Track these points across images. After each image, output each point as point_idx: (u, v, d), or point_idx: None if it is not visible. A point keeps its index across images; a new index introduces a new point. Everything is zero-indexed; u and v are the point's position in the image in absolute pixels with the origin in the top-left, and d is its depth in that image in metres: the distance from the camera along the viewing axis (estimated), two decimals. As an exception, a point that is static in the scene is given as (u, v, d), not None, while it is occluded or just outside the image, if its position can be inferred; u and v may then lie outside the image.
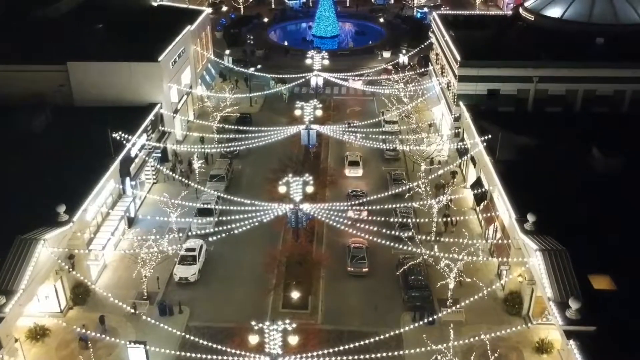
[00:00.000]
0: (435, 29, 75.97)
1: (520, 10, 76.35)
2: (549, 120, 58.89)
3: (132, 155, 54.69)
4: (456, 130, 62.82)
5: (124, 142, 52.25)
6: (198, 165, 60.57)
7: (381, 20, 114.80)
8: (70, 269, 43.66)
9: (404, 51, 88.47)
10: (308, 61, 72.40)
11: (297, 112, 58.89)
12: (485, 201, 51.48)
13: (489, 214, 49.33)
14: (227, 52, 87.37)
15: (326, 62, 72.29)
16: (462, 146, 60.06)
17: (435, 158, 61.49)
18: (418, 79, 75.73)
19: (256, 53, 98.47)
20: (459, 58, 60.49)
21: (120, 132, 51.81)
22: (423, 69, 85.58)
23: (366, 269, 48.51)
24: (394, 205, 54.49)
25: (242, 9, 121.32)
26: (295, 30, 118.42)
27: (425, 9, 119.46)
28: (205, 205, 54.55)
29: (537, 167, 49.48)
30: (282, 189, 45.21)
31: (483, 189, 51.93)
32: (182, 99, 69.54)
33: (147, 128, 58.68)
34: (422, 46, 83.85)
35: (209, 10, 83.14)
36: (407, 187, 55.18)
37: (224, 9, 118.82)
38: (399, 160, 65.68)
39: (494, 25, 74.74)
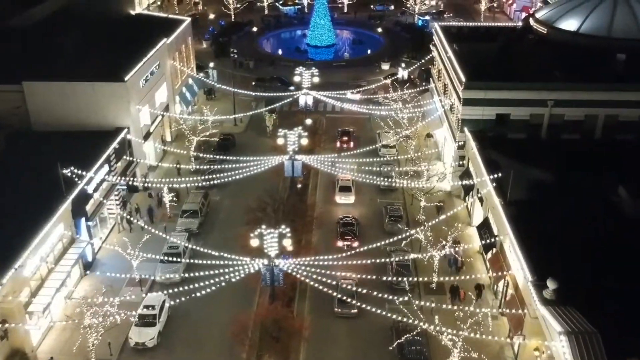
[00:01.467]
0: (437, 42, 68.95)
1: (531, 21, 69.27)
2: (566, 149, 51.85)
3: (90, 190, 47.81)
4: (461, 163, 55.70)
5: (77, 178, 45.33)
6: (169, 198, 53.68)
7: (379, 30, 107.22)
8: (3, 337, 36.85)
9: (403, 65, 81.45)
10: (296, 78, 65.45)
11: (280, 141, 51.85)
12: (495, 249, 44.44)
13: (499, 267, 42.27)
14: (211, 65, 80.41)
15: (316, 79, 65.27)
16: (468, 180, 53.08)
17: (437, 189, 54.60)
18: (418, 98, 68.72)
19: (244, 64, 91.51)
20: (463, 79, 53.49)
21: (72, 167, 44.85)
22: (423, 85, 78.65)
23: (355, 311, 42.43)
24: (389, 248, 47.73)
25: (232, 16, 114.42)
26: (290, 38, 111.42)
27: (427, 17, 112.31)
28: (172, 249, 47.53)
29: (556, 211, 42.55)
30: (254, 243, 38.13)
31: (492, 236, 44.85)
32: (156, 120, 62.67)
33: (110, 158, 51.79)
34: (423, 61, 76.79)
35: (189, 20, 76.11)
36: (405, 230, 48.06)
37: (211, 16, 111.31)
38: (396, 190, 58.60)
39: (502, 39, 67.57)
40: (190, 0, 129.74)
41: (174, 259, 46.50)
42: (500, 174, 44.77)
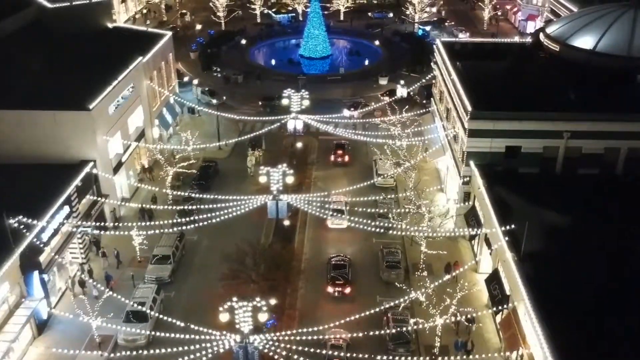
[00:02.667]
0: (439, 59, 63.07)
1: (542, 37, 63.38)
2: (584, 186, 46.29)
3: (46, 238, 42.03)
4: (467, 204, 49.80)
5: (26, 230, 39.52)
6: (138, 242, 47.83)
7: (377, 42, 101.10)
8: None
9: (402, 82, 75.55)
10: (284, 101, 59.57)
11: (262, 180, 45.97)
12: (506, 309, 38.59)
13: (512, 335, 36.44)
14: (195, 82, 74.54)
15: (307, 102, 59.38)
16: (474, 221, 47.31)
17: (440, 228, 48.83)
18: (418, 122, 62.83)
19: (232, 79, 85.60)
20: (469, 108, 47.65)
21: (21, 216, 39.07)
22: (424, 102, 72.90)
23: None
24: (386, 305, 42.00)
25: (222, 24, 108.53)
26: (282, 48, 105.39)
27: (428, 27, 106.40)
28: (138, 306, 41.65)
29: (578, 265, 36.91)
30: (224, 317, 32.27)
31: (503, 296, 38.99)
32: (129, 148, 56.82)
33: (72, 197, 45.96)
34: (424, 81, 70.78)
35: (169, 34, 70.22)
36: (403, 277, 42.35)
37: (198, 27, 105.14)
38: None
39: (510, 57, 61.72)
40: (177, 10, 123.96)
41: (140, 316, 40.72)
42: (512, 225, 38.93)
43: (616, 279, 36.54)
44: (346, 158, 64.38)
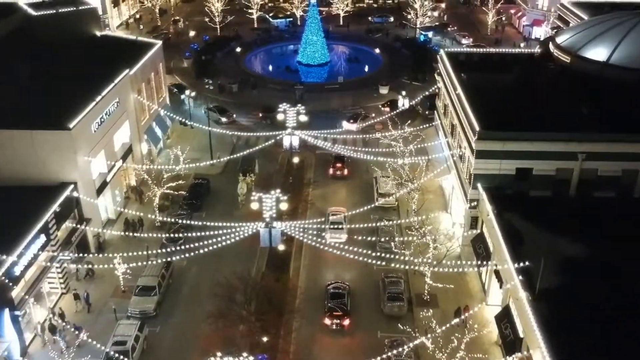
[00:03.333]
0: (443, 71, 59.78)
1: (551, 47, 60.18)
2: (601, 211, 42.99)
3: (19, 272, 38.77)
4: (474, 231, 46.41)
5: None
6: (122, 270, 44.54)
7: (377, 51, 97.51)
8: None
9: (403, 92, 72.24)
10: (280, 117, 56.26)
11: (254, 206, 42.61)
12: (520, 355, 35.28)
13: (527, 384, 33.22)
14: (187, 92, 71.23)
15: (303, 117, 56.18)
16: (482, 249, 44.08)
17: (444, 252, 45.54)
18: (421, 137, 59.49)
19: (226, 88, 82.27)
20: (477, 127, 44.34)
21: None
22: (426, 114, 69.70)
23: None
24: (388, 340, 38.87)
25: (218, 29, 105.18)
26: (280, 54, 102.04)
27: (430, 33, 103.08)
28: (118, 346, 38.32)
29: (601, 304, 33.73)
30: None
31: (517, 338, 35.70)
32: (115, 166, 53.53)
33: (49, 225, 42.68)
34: (428, 93, 67.37)
35: (160, 43, 66.86)
36: (406, 311, 39.05)
37: (192, 34, 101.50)
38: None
39: (518, 68, 58.42)
40: (172, 15, 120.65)
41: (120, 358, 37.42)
42: (526, 262, 35.64)
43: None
44: (345, 171, 61.32)
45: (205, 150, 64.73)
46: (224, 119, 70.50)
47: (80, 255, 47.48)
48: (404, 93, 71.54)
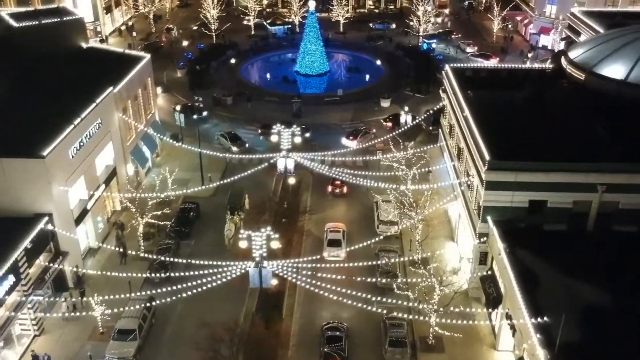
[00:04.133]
0: (449, 88, 56.06)
1: (564, 62, 56.48)
2: (621, 247, 39.39)
3: (-17, 317, 35.20)
4: (484, 274, 42.54)
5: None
6: (99, 312, 40.88)
7: (378, 62, 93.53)
8: None
9: (406, 108, 68.49)
10: (274, 138, 52.54)
11: (243, 245, 38.85)
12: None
13: None
14: (178, 107, 67.56)
15: (298, 139, 52.51)
16: (492, 289, 40.41)
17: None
18: (426, 159, 55.79)
19: (221, 101, 78.59)
20: (487, 156, 40.59)
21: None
22: (431, 130, 66.02)
23: None
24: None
25: (213, 37, 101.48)
26: (277, 63, 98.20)
27: (434, 41, 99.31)
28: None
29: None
30: None
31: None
32: (97, 191, 49.91)
33: (19, 263, 39.02)
34: (432, 111, 63.51)
35: (148, 57, 63.13)
36: None
37: (185, 44, 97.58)
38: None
39: (528, 85, 54.61)
40: (167, 20, 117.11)
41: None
42: (544, 318, 31.96)
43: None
44: (345, 189, 57.79)
45: (197, 169, 61.15)
46: (235, 148, 65.13)
47: (56, 292, 44.13)
48: (406, 108, 67.75)
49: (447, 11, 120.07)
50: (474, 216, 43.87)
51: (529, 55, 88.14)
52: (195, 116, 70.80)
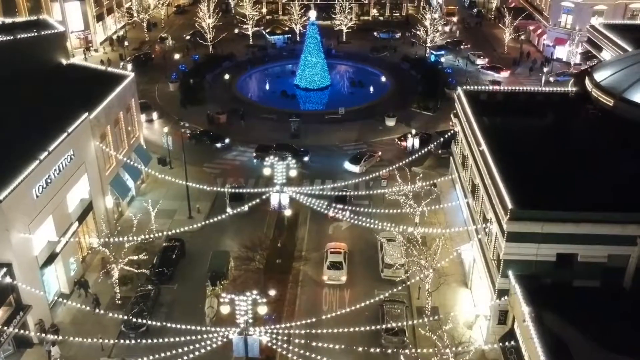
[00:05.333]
0: (461, 113, 50.61)
1: (588, 85, 51.04)
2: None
3: None
4: (504, 334, 37.10)
5: None
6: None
7: (383, 79, 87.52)
8: None
9: (413, 131, 63.07)
10: (266, 171, 47.16)
11: (225, 310, 33.46)
12: None
13: None
14: (165, 130, 62.26)
15: (293, 172, 47.22)
16: (513, 356, 35.00)
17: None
18: (436, 193, 50.45)
19: (215, 119, 73.28)
20: (508, 204, 35.16)
21: None
22: (440, 153, 60.63)
23: None
24: None
25: (210, 47, 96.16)
26: (277, 76, 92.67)
27: (442, 52, 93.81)
28: None
29: None
30: None
31: None
32: (69, 230, 44.68)
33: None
34: (442, 139, 57.80)
35: (132, 75, 57.79)
36: None
37: (177, 57, 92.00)
38: (405, 344, 39.98)
39: (549, 112, 49.12)
40: (162, 28, 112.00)
41: None
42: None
43: None
44: (347, 214, 52.42)
45: (185, 197, 55.90)
46: (230, 211, 51.48)
47: (19, 349, 38.98)
48: (413, 131, 62.29)
49: (455, 19, 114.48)
50: (492, 268, 38.48)
51: (545, 69, 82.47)
52: (218, 144, 66.22)
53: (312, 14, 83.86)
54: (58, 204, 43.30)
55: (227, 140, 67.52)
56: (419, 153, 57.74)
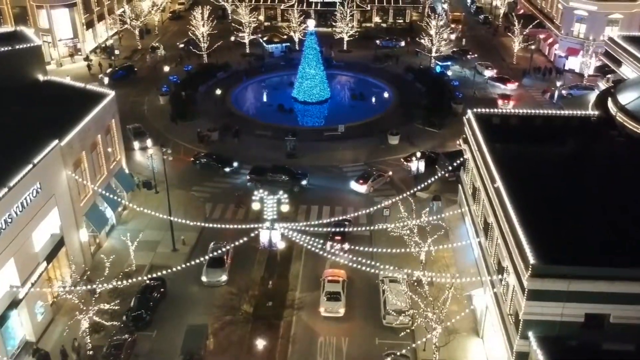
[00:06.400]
0: (471, 139, 45.78)
1: (612, 108, 46.35)
2: None
3: None
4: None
5: None
6: None
7: (386, 94, 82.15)
8: None
9: (418, 154, 58.28)
10: (255, 206, 42.39)
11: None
12: None
13: None
14: (150, 151, 57.66)
15: (285, 207, 42.51)
16: None
17: None
18: (446, 225, 45.80)
19: (206, 137, 68.60)
20: (530, 258, 30.40)
21: None
22: (447, 176, 55.88)
23: None
24: None
25: (204, 57, 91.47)
26: (274, 87, 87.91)
27: (448, 63, 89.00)
28: None
29: None
30: None
31: None
32: (34, 272, 40.11)
33: None
34: (452, 168, 52.67)
35: (112, 94, 53.04)
36: None
37: (166, 69, 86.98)
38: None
39: (570, 139, 44.24)
40: (156, 35, 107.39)
41: None
42: None
43: None
44: (346, 245, 47.98)
45: (169, 227, 51.44)
46: (205, 280, 46.05)
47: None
48: (418, 154, 57.49)
49: (460, 27, 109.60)
50: (509, 325, 33.74)
51: (558, 84, 77.44)
52: (226, 169, 61.67)
53: (311, 23, 79.22)
54: (22, 244, 38.73)
55: (235, 164, 62.38)
56: (428, 181, 52.89)
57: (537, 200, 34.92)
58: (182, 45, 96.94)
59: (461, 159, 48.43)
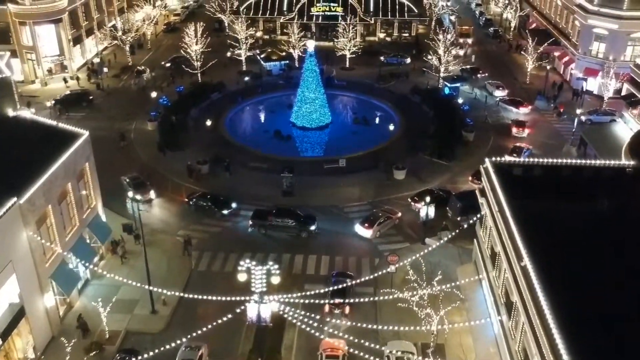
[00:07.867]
0: (490, 194, 40.11)
1: (650, 157, 40.66)
2: None
3: None
4: None
5: None
6: None
7: (391, 125, 74.42)
8: None
9: (427, 198, 52.52)
10: (242, 277, 36.80)
11: None
12: None
13: None
14: (130, 194, 52.04)
15: (277, 279, 36.78)
16: None
17: None
18: (458, 302, 40.19)
19: (195, 171, 63.08)
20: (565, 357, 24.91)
21: None
22: (459, 221, 50.32)
23: None
24: None
25: (199, 76, 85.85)
26: (271, 110, 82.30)
27: (458, 84, 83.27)
28: None
29: None
30: None
31: None
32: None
33: None
34: (467, 222, 46.50)
35: (86, 135, 47.35)
36: None
37: (154, 95, 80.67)
38: None
39: (605, 196, 38.35)
40: (149, 49, 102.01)
41: None
42: None
43: None
44: (347, 310, 42.84)
45: (161, 274, 46.10)
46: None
47: None
48: (428, 199, 51.79)
49: (470, 41, 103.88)
50: None
51: (579, 111, 71.33)
52: (224, 211, 55.91)
53: (310, 44, 73.58)
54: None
55: (234, 205, 56.76)
56: (439, 233, 47.38)
57: (574, 285, 29.34)
58: (168, 64, 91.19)
59: (478, 214, 42.73)
